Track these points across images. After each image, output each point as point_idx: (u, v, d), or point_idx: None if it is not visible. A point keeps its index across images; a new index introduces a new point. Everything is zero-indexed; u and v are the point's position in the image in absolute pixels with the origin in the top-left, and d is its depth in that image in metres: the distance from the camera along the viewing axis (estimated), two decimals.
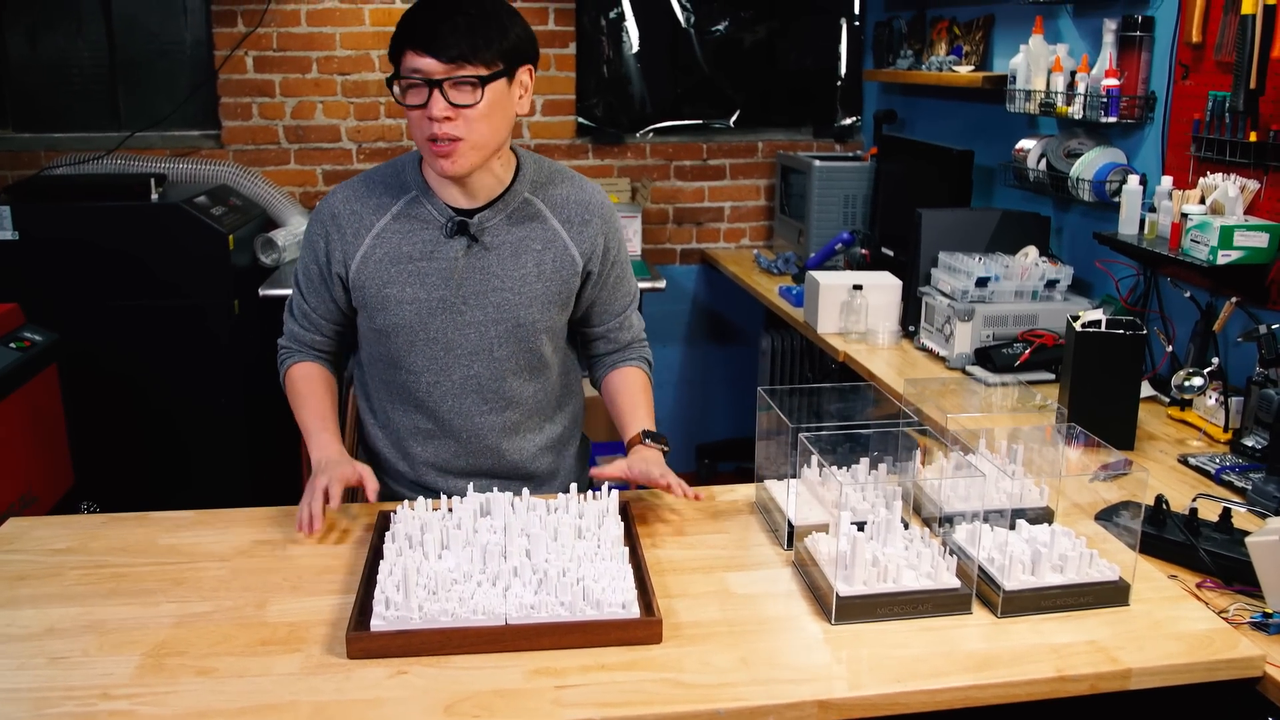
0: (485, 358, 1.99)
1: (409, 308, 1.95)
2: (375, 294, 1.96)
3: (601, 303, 2.10)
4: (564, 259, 1.99)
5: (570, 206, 2.01)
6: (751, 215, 4.82)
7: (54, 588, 1.64)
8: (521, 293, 1.97)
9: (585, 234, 2.01)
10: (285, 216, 4.21)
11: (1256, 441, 2.25)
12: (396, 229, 1.95)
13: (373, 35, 4.34)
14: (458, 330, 1.97)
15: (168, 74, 4.35)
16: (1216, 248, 2.39)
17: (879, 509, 1.74)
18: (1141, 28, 2.82)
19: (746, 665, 1.44)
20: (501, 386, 2.02)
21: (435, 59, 1.76)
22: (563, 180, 2.04)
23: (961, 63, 3.75)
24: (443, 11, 1.78)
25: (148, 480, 3.78)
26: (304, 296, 2.05)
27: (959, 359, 2.90)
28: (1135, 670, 1.46)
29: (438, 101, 1.78)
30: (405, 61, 1.79)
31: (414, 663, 1.43)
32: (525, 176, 1.99)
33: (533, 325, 1.99)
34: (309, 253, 2.02)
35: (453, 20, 1.77)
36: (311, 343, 2.09)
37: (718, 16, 4.67)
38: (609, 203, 2.07)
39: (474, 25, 1.78)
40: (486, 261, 1.96)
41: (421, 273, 1.94)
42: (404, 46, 1.79)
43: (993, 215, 3.21)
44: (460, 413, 2.02)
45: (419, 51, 1.77)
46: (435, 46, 1.76)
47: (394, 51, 1.82)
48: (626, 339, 2.16)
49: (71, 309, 3.60)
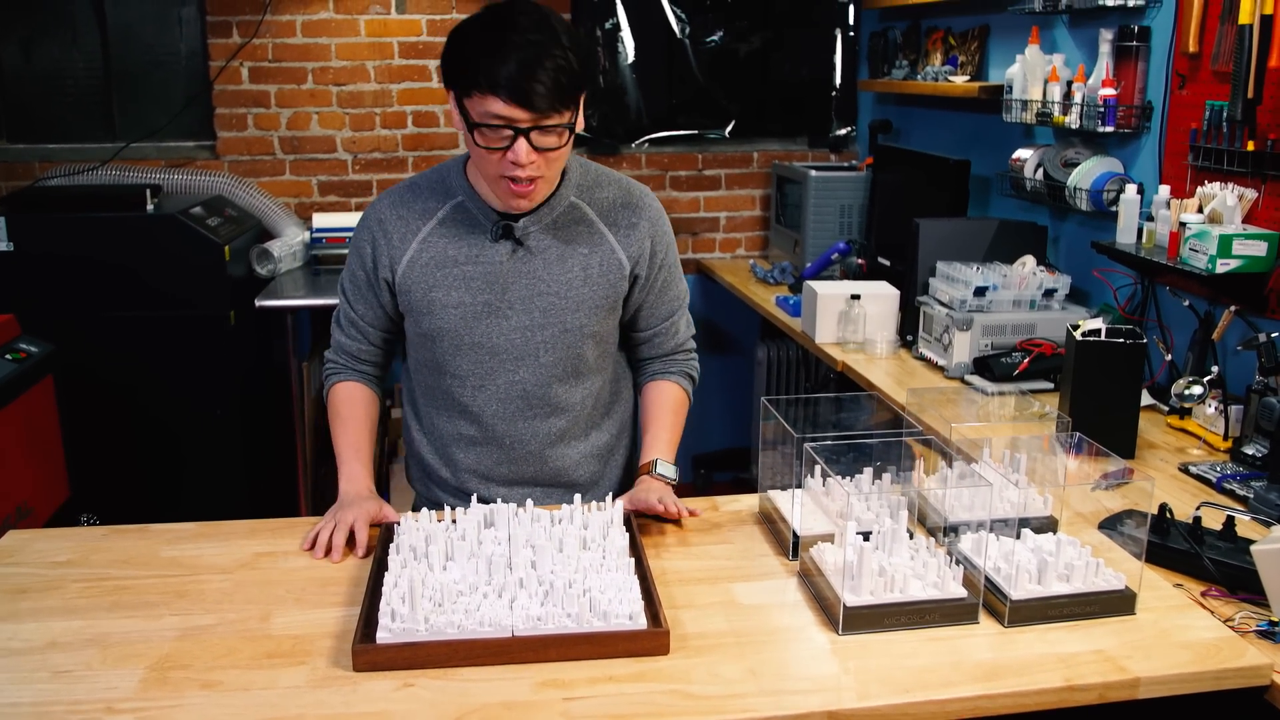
0: (530, 363, 1.97)
1: (454, 312, 1.94)
2: (421, 298, 1.94)
3: (648, 306, 2.06)
4: (611, 263, 1.97)
5: (617, 210, 1.98)
6: (747, 225, 4.83)
7: (55, 601, 1.63)
8: (568, 297, 1.94)
9: (633, 237, 1.98)
10: (281, 227, 4.21)
11: (1257, 450, 2.26)
12: (442, 233, 1.94)
13: (368, 46, 4.35)
14: (503, 335, 1.95)
15: (163, 85, 4.35)
16: (1215, 256, 2.39)
17: (883, 519, 1.73)
18: (1138, 38, 2.83)
19: (755, 676, 1.43)
20: (547, 393, 2.00)
21: (525, 110, 1.69)
22: (609, 183, 2.01)
23: (957, 73, 3.76)
24: (530, 56, 1.67)
25: (144, 492, 3.77)
26: (351, 305, 2.04)
27: (957, 368, 2.90)
28: (1144, 679, 1.46)
29: (523, 148, 1.73)
30: (486, 105, 1.70)
31: (421, 675, 1.42)
32: (571, 180, 1.95)
33: (579, 330, 1.97)
34: (356, 259, 2.00)
35: (542, 67, 1.67)
36: (359, 354, 2.07)
37: (713, 27, 4.68)
38: (657, 205, 2.04)
39: (561, 71, 1.69)
40: (532, 265, 1.93)
41: (466, 276, 1.93)
42: (485, 90, 1.69)
43: (990, 225, 3.22)
44: (504, 418, 2.00)
45: (507, 102, 1.68)
46: (527, 100, 1.68)
47: (465, 85, 1.72)
48: (670, 346, 2.12)
49: (67, 320, 3.59)
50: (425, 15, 4.36)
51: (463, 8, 4.37)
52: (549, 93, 1.68)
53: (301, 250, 4.19)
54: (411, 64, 4.39)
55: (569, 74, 1.70)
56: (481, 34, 1.71)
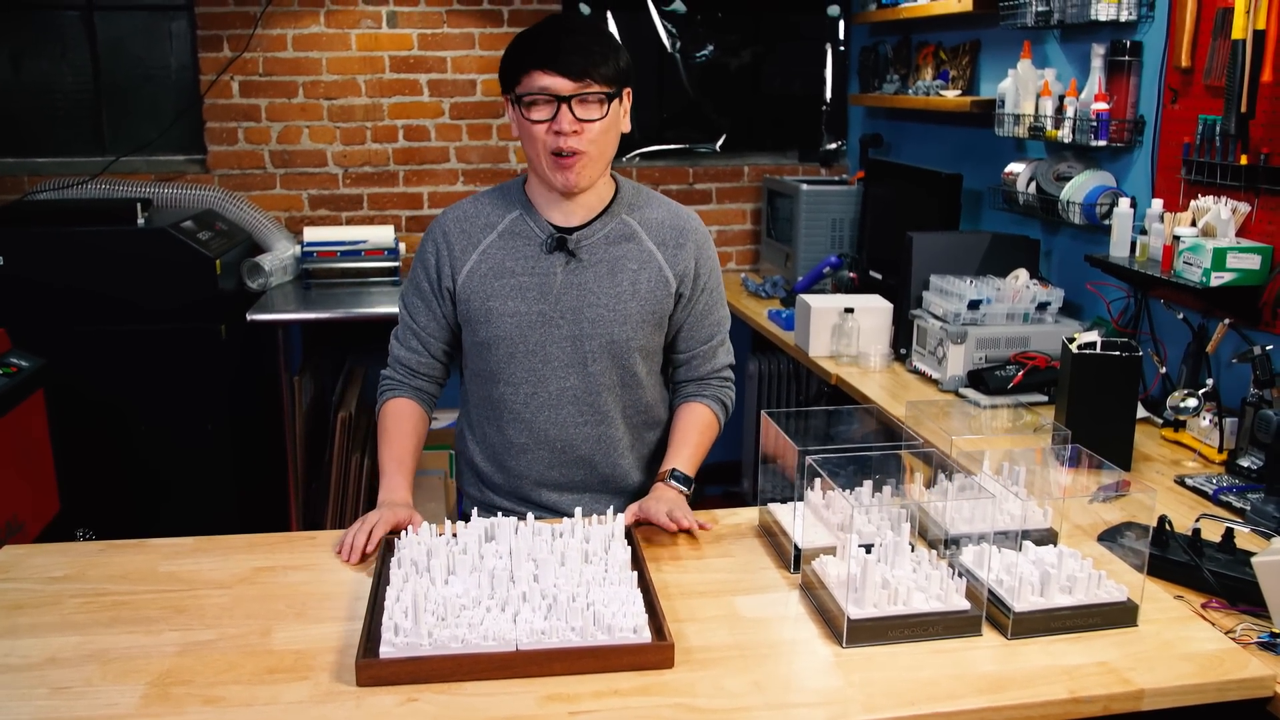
0: (580, 371, 2.05)
1: (509, 320, 2.02)
2: (479, 306, 2.03)
3: (688, 328, 2.13)
4: (658, 279, 2.05)
5: (665, 229, 2.08)
6: (738, 239, 4.84)
7: (53, 616, 1.62)
8: (616, 310, 2.02)
9: (679, 256, 2.07)
10: (271, 241, 4.20)
11: (1252, 462, 2.27)
12: (501, 245, 2.04)
13: (359, 60, 4.35)
14: (554, 344, 2.03)
15: (153, 99, 4.34)
16: (1210, 269, 2.41)
17: (885, 531, 1.73)
18: (1130, 52, 2.85)
19: (760, 689, 1.43)
20: (596, 400, 2.06)
21: (564, 77, 1.87)
22: (659, 204, 2.12)
23: (949, 87, 3.78)
24: (563, 31, 1.90)
25: (135, 506, 3.74)
26: (413, 317, 2.11)
27: (952, 381, 2.91)
28: (1148, 691, 1.46)
29: (565, 116, 1.88)
30: (531, 80, 1.89)
31: (424, 690, 1.41)
32: (623, 198, 2.07)
33: (626, 343, 2.04)
34: (420, 270, 2.09)
35: (574, 38, 1.88)
36: (417, 366, 2.13)
37: (703, 42, 4.70)
38: (703, 229, 2.14)
39: (593, 44, 1.88)
40: (584, 278, 2.02)
41: (522, 287, 2.02)
42: (528, 66, 1.89)
43: (983, 238, 3.23)
44: (556, 423, 2.07)
45: (546, 70, 1.87)
46: (563, 65, 1.86)
47: (515, 72, 1.91)
48: (706, 370, 2.17)
49: (58, 334, 3.57)
50: (416, 30, 4.36)
51: (454, 21, 4.37)
52: (584, 61, 1.86)
53: (292, 264, 4.17)
54: (402, 78, 4.39)
55: (598, 45, 1.89)
56: (533, 30, 1.93)
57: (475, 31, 4.40)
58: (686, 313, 2.11)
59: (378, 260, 4.19)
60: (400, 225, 4.51)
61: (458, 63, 4.42)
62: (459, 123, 4.48)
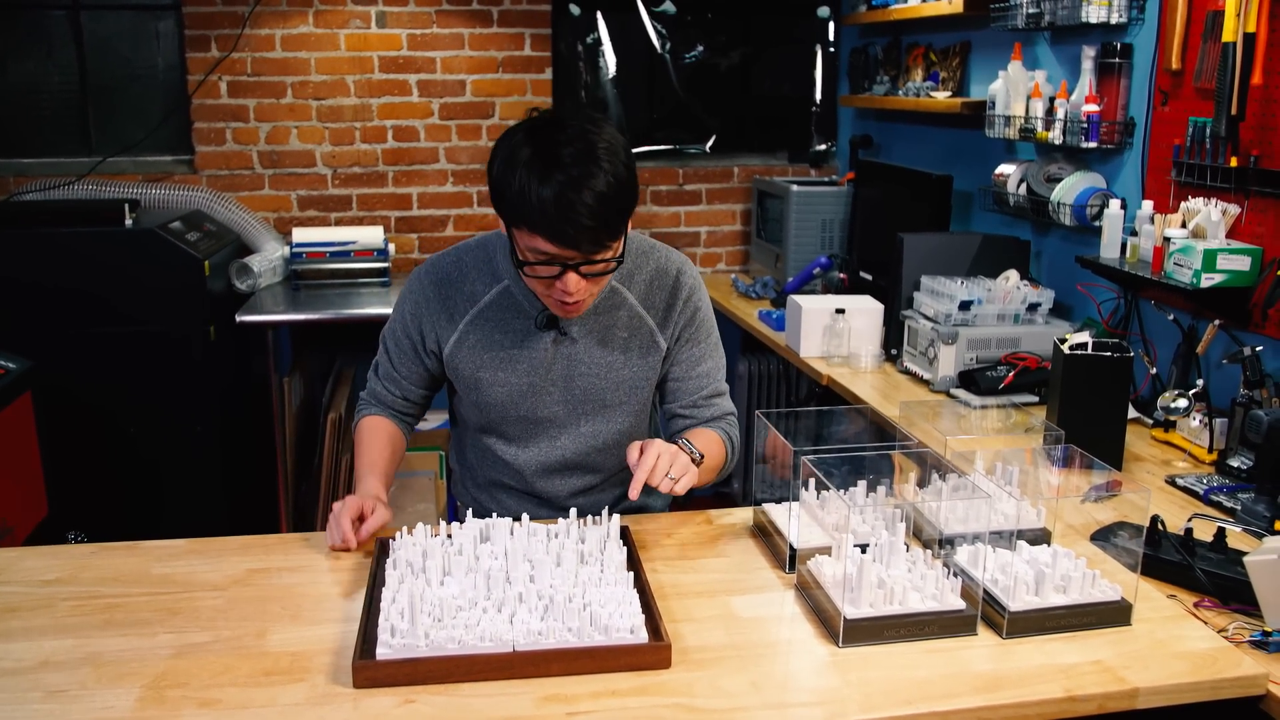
0: (572, 433, 2.04)
1: (500, 390, 2.00)
2: (469, 376, 2.01)
3: (675, 378, 2.07)
4: (649, 344, 2.02)
5: (654, 291, 2.02)
6: (728, 240, 4.84)
7: (46, 619, 1.61)
8: (608, 378, 2.01)
9: (669, 319, 2.03)
10: (260, 242, 4.18)
11: (1242, 462, 2.28)
12: (489, 317, 1.98)
13: (348, 60, 4.34)
14: (546, 409, 2.02)
15: (140, 99, 4.32)
16: (1200, 271, 2.42)
17: (879, 531, 1.73)
18: (1120, 54, 2.86)
19: (758, 689, 1.43)
20: (586, 458, 2.07)
21: (572, 250, 1.71)
22: (648, 261, 2.03)
23: (939, 88, 3.79)
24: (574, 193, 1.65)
25: (124, 509, 3.72)
26: (393, 363, 2.09)
27: (943, 382, 2.91)
28: (1143, 689, 1.46)
29: (572, 280, 1.75)
30: (533, 243, 1.71)
31: (422, 691, 1.41)
32: None
33: (619, 407, 2.04)
34: (400, 325, 2.05)
35: (585, 204, 1.65)
36: (391, 404, 2.13)
37: (693, 43, 4.70)
38: (694, 278, 2.07)
39: (608, 205, 1.68)
40: (574, 350, 1.98)
41: (512, 359, 1.98)
42: (527, 229, 1.70)
43: (973, 239, 3.24)
44: (542, 476, 2.07)
45: (551, 242, 1.69)
46: (574, 243, 1.69)
47: (515, 221, 1.72)
48: (704, 417, 2.09)
49: (45, 336, 3.55)
50: (405, 30, 4.35)
51: (443, 22, 4.36)
52: (595, 233, 1.69)
53: (281, 265, 4.16)
54: (392, 78, 4.38)
55: (614, 206, 1.69)
56: (528, 169, 1.67)
57: (465, 32, 4.39)
58: (673, 360, 2.06)
59: (367, 261, 4.18)
60: (390, 226, 4.50)
61: (447, 63, 4.42)
62: (448, 123, 4.48)
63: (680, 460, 1.82)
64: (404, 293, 2.04)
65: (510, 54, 4.46)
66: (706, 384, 2.09)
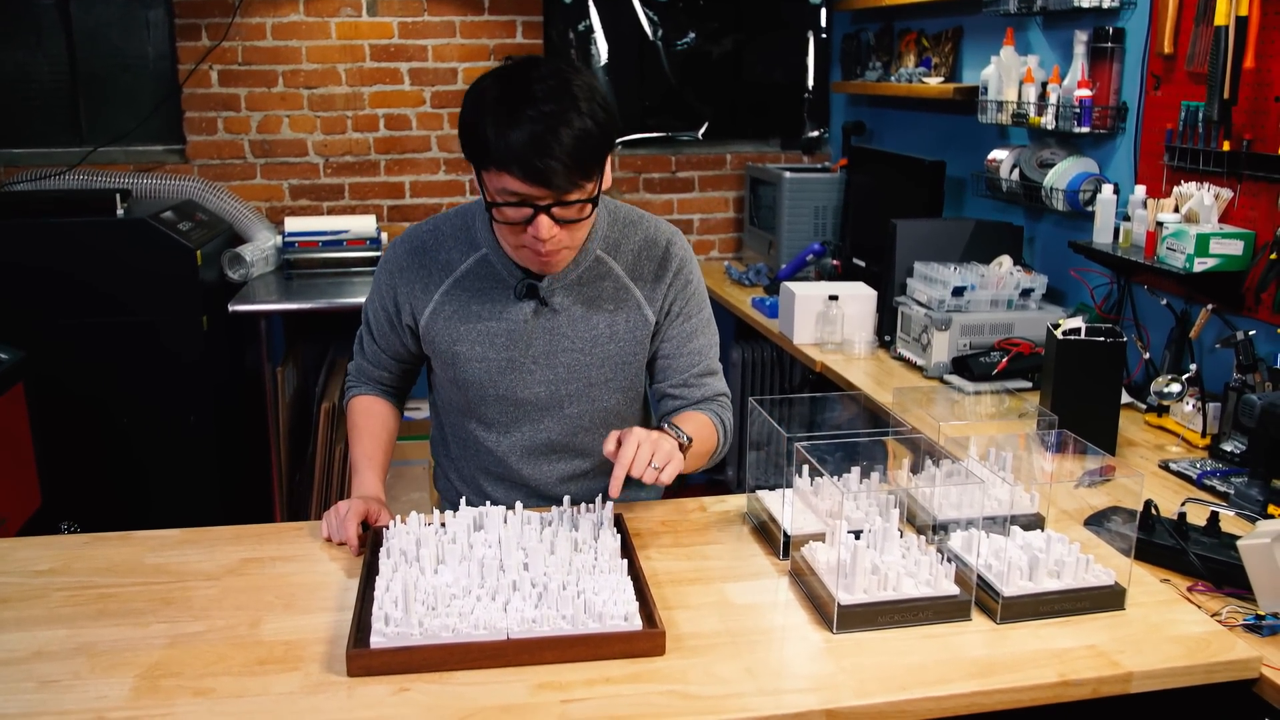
0: (556, 415, 1.96)
1: (477, 366, 1.92)
2: (445, 350, 1.93)
3: (665, 355, 1.98)
4: (636, 319, 1.94)
5: (642, 261, 1.93)
6: (721, 227, 4.84)
7: (40, 610, 1.60)
8: (593, 354, 1.92)
9: (657, 290, 1.94)
10: (252, 231, 4.17)
11: (1235, 446, 2.28)
12: (465, 286, 1.90)
13: (339, 49, 4.32)
14: (527, 388, 1.93)
15: (131, 88, 4.30)
16: (1193, 255, 2.42)
17: (873, 517, 1.74)
18: (1112, 39, 2.86)
19: (752, 675, 1.43)
20: (572, 441, 1.99)
21: (544, 188, 1.64)
22: (635, 231, 1.95)
23: (931, 74, 3.78)
24: (547, 131, 1.59)
25: (117, 499, 3.72)
26: (374, 338, 2.04)
27: (936, 368, 2.92)
28: (1136, 674, 1.47)
29: (544, 224, 1.67)
30: (503, 183, 1.64)
31: (416, 679, 1.41)
32: (598, 234, 1.90)
33: (604, 384, 1.95)
34: (378, 299, 1.98)
35: (559, 142, 1.59)
36: (377, 377, 2.09)
37: (685, 29, 4.68)
38: (685, 249, 1.98)
39: (579, 142, 1.61)
40: (556, 323, 1.90)
41: (490, 333, 1.90)
42: (501, 169, 1.63)
43: (966, 225, 3.24)
44: (528, 463, 2.00)
45: (524, 181, 1.63)
46: (545, 179, 1.62)
47: (484, 162, 1.66)
48: (696, 396, 2.00)
49: (37, 326, 3.53)
50: (396, 18, 4.34)
51: (434, 9, 4.35)
52: (567, 169, 1.62)
53: (274, 254, 4.15)
54: (383, 67, 4.37)
55: (589, 144, 1.63)
56: (496, 107, 1.63)
57: (456, 19, 4.38)
58: (663, 337, 1.98)
59: (360, 250, 4.17)
60: (382, 215, 4.49)
61: (439, 51, 4.40)
62: (440, 111, 4.46)
63: (663, 447, 1.73)
64: (381, 263, 1.98)
65: (501, 42, 4.44)
66: (698, 361, 2.00)
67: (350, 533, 1.80)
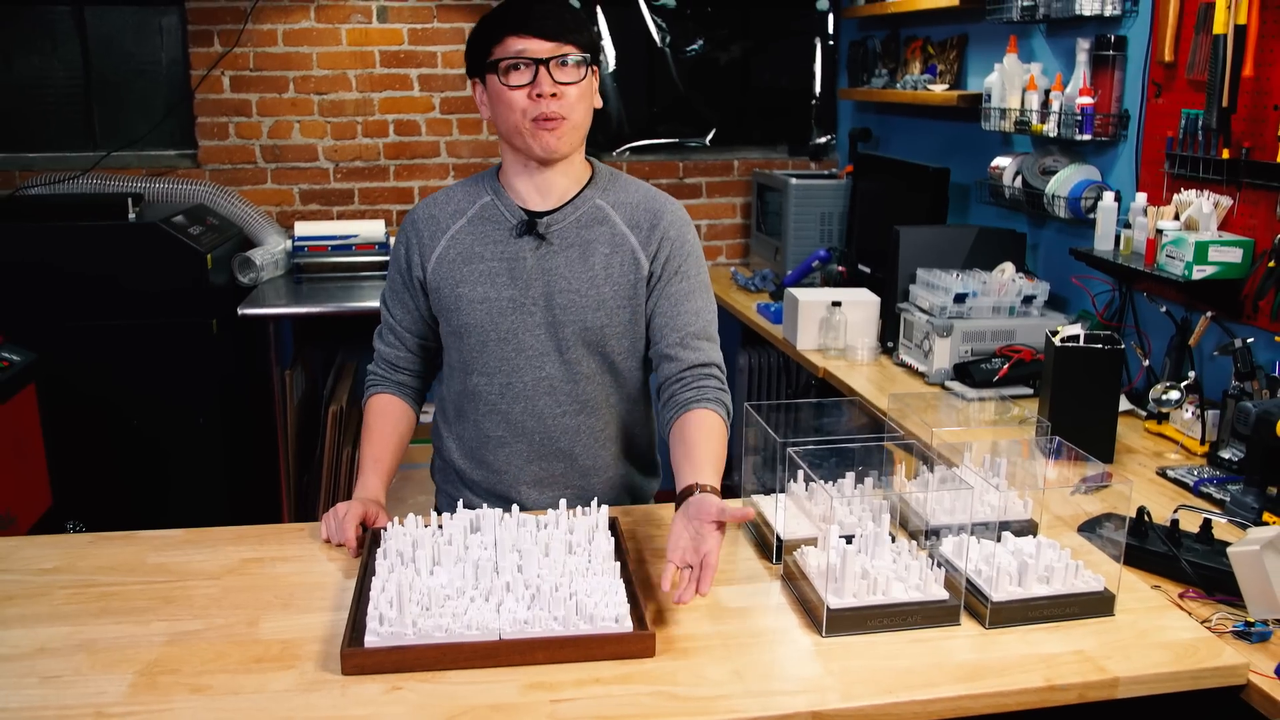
0: (556, 359, 2.00)
1: (480, 307, 1.98)
2: (449, 293, 2.00)
3: (662, 314, 2.00)
4: (630, 262, 1.99)
5: (640, 212, 2.02)
6: (728, 233, 4.85)
7: (43, 607, 1.63)
8: (589, 295, 1.97)
9: (652, 238, 2.00)
10: (262, 236, 4.21)
11: (1233, 454, 2.29)
12: (470, 230, 2.01)
13: (349, 55, 4.36)
14: (528, 331, 1.99)
15: (144, 94, 4.35)
16: (1192, 263, 2.43)
17: (866, 522, 1.75)
18: (1114, 47, 2.87)
19: (740, 677, 1.45)
20: (575, 390, 2.01)
21: (540, 39, 1.87)
22: (635, 188, 2.06)
23: (936, 81, 3.80)
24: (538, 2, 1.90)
25: (126, 500, 3.76)
26: (390, 310, 2.10)
27: (938, 374, 2.93)
28: (1123, 679, 1.48)
29: (545, 78, 1.87)
30: (507, 46, 1.88)
31: (409, 678, 1.43)
32: (598, 182, 2.03)
33: (601, 329, 1.98)
34: (394, 263, 2.09)
35: (545, 5, 1.89)
36: (397, 361, 2.11)
37: (693, 36, 4.71)
38: (681, 214, 2.05)
39: (565, 11, 1.91)
40: (554, 263, 1.97)
41: (492, 272, 1.98)
42: (503, 33, 1.88)
43: (969, 232, 3.25)
44: (533, 414, 2.02)
45: (523, 35, 1.87)
46: (539, 27, 1.87)
47: (487, 42, 1.90)
48: (691, 360, 1.98)
49: (49, 329, 3.58)
50: (406, 25, 4.37)
51: (444, 16, 4.38)
52: (557, 22, 1.88)
53: (283, 258, 4.19)
54: (393, 73, 4.41)
55: (578, 18, 1.92)
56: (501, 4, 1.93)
57: (465, 26, 4.41)
58: (659, 296, 2.00)
59: (368, 255, 4.21)
60: (391, 219, 4.52)
61: (448, 57, 4.43)
62: (449, 117, 4.49)
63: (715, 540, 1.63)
64: (395, 236, 2.10)
65: None
66: (693, 322, 2.00)
67: (349, 534, 1.82)
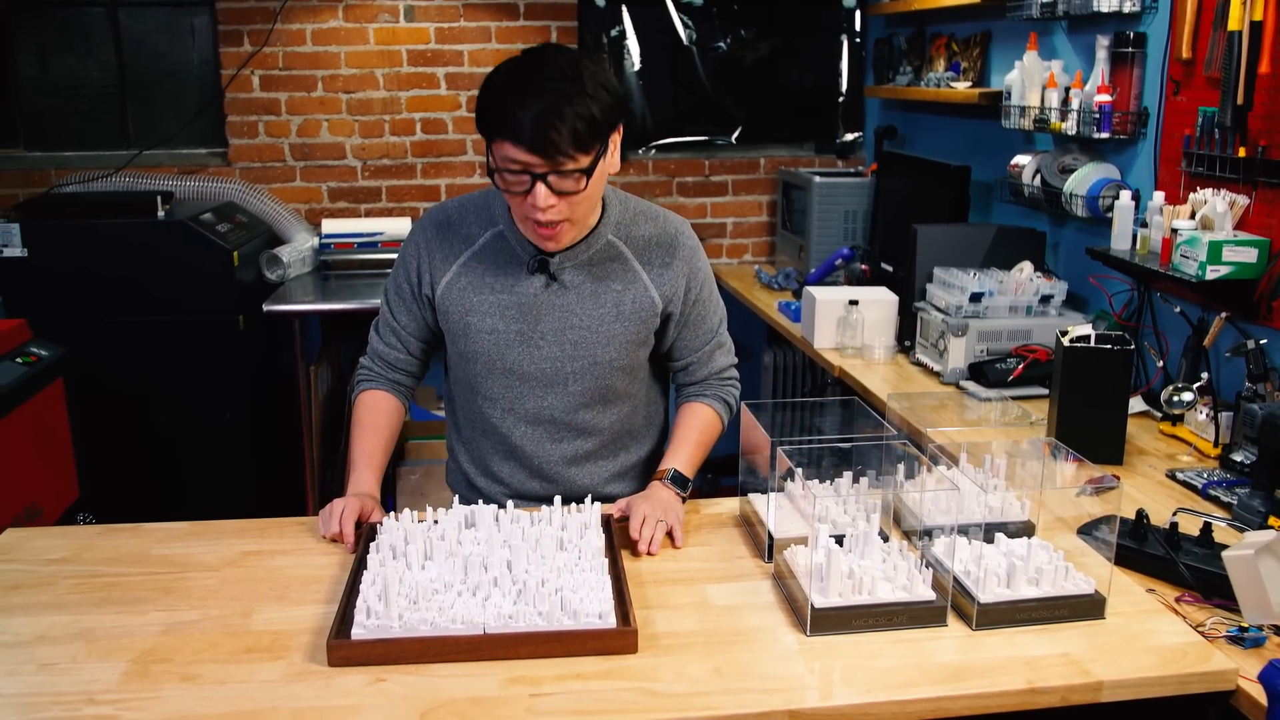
0: (559, 391, 2.02)
1: (488, 337, 1.99)
2: (458, 320, 2.01)
3: (682, 340, 2.10)
4: (643, 301, 2.00)
5: (652, 248, 2.02)
6: (753, 231, 4.85)
7: (47, 596, 1.67)
8: (599, 332, 1.99)
9: (666, 276, 2.01)
10: (290, 233, 4.27)
11: (1245, 457, 2.26)
12: (481, 259, 1.99)
13: (377, 54, 4.40)
14: (533, 363, 2.00)
15: (175, 93, 4.42)
16: (1205, 263, 2.40)
17: (859, 522, 1.75)
18: (1133, 44, 2.84)
19: (720, 675, 1.46)
20: (574, 418, 2.05)
21: (538, 156, 1.73)
22: (647, 220, 2.04)
23: (959, 79, 3.77)
24: (539, 97, 1.70)
25: (153, 494, 3.82)
26: (393, 313, 2.10)
27: (953, 374, 2.91)
28: (1107, 683, 1.47)
29: (541, 193, 1.76)
30: (502, 151, 1.75)
31: (393, 670, 1.46)
32: (610, 218, 1.99)
33: (609, 363, 2.01)
34: (401, 272, 2.06)
35: (559, 114, 1.70)
36: (394, 361, 2.13)
37: (719, 34, 4.71)
38: (693, 240, 2.07)
39: (579, 119, 1.71)
40: (565, 299, 1.98)
41: (501, 305, 1.98)
42: (499, 136, 1.74)
43: (989, 231, 3.23)
44: (531, 440, 2.06)
45: (520, 147, 1.72)
46: (537, 144, 1.71)
47: (489, 132, 1.77)
48: (704, 374, 2.14)
49: (78, 324, 3.65)
50: (433, 24, 4.41)
51: (471, 15, 4.41)
52: (563, 140, 1.71)
53: (311, 256, 4.24)
54: (420, 72, 4.44)
55: (588, 122, 1.72)
56: (506, 80, 1.76)
57: (491, 25, 4.44)
58: (680, 328, 2.08)
59: (394, 252, 4.20)
60: (418, 217, 4.55)
61: (474, 56, 4.47)
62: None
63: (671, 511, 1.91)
64: (407, 238, 2.07)
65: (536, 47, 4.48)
66: (709, 339, 2.12)
67: (348, 532, 1.85)
